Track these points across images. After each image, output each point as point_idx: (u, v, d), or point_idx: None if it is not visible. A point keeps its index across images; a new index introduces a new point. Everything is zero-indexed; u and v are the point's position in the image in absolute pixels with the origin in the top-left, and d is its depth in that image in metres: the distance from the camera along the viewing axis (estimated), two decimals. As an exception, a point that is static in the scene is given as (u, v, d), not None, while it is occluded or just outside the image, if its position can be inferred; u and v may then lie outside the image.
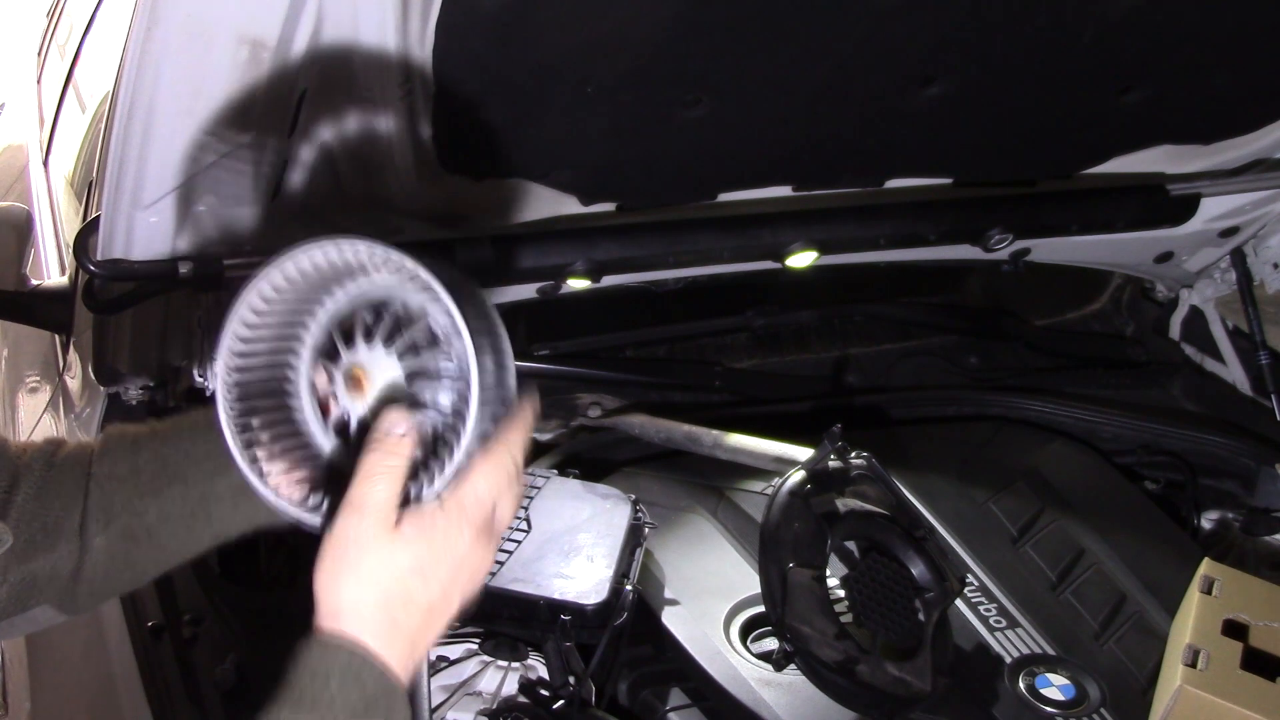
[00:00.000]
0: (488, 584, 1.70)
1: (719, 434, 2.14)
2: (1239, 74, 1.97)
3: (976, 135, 2.05)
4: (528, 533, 1.81)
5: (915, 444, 2.30)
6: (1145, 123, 2.11)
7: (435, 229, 1.88)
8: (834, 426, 1.83)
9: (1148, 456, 2.47)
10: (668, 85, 1.71)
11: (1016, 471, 2.24)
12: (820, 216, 2.10)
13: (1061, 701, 1.73)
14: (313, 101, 1.56)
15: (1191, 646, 1.61)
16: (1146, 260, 2.61)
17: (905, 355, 2.89)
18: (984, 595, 1.91)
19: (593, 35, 1.57)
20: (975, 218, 2.20)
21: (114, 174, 1.55)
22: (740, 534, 2.00)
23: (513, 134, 1.72)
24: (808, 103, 1.81)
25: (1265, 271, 2.60)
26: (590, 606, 1.68)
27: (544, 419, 2.52)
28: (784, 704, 1.67)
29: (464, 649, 1.80)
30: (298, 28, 1.42)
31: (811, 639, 1.62)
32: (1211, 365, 2.77)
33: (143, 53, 1.39)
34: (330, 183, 1.74)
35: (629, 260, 2.03)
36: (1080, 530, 2.09)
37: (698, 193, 2.06)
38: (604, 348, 2.73)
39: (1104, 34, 1.78)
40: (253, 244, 1.77)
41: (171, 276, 1.72)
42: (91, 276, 1.73)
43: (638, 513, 1.89)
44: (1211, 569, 1.77)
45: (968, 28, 1.72)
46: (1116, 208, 2.27)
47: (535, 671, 1.75)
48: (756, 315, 2.81)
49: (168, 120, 1.47)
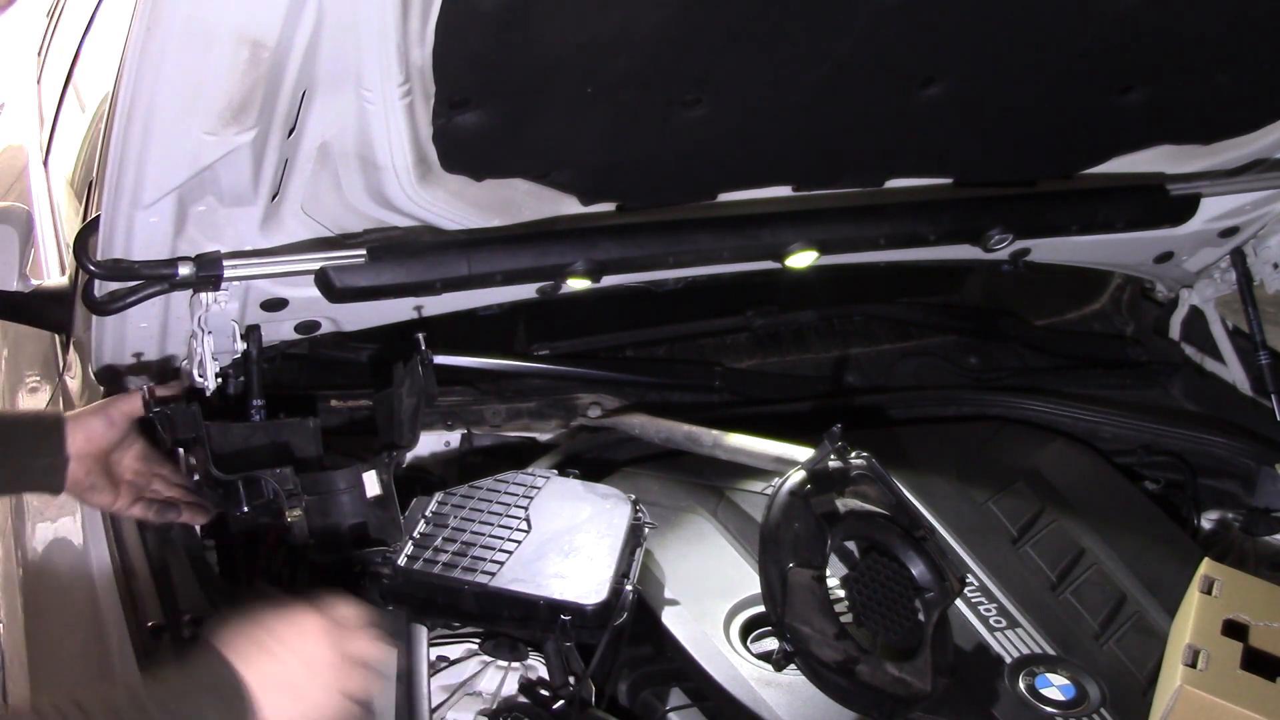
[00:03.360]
0: (488, 584, 1.70)
1: (719, 434, 2.14)
2: (1239, 74, 1.97)
3: (976, 135, 2.05)
4: (528, 533, 1.81)
5: (915, 444, 2.30)
6: (1145, 123, 2.11)
7: (436, 229, 1.88)
8: (834, 426, 1.83)
9: (1148, 456, 2.47)
10: (668, 85, 1.71)
11: (1016, 471, 2.24)
12: (820, 216, 2.10)
13: (1061, 701, 1.73)
14: (313, 101, 1.56)
15: (1191, 646, 1.61)
16: (1146, 260, 2.61)
17: (905, 355, 2.89)
18: (984, 595, 1.91)
19: (593, 35, 1.57)
20: (975, 218, 2.20)
21: (114, 174, 1.55)
22: (740, 534, 2.00)
23: (513, 134, 1.72)
24: (808, 103, 1.81)
25: (1265, 271, 2.60)
26: (590, 606, 1.68)
27: (544, 419, 2.52)
28: (784, 704, 1.67)
29: (464, 649, 1.80)
30: (298, 28, 1.42)
31: (811, 639, 1.62)
32: (1211, 365, 2.77)
33: (143, 53, 1.39)
34: (330, 183, 1.74)
35: (629, 260, 2.02)
36: (1080, 530, 2.09)
37: (698, 193, 2.06)
38: (604, 348, 2.73)
39: (1104, 34, 1.79)
40: (253, 244, 1.78)
41: (171, 276, 1.72)
42: (91, 276, 1.73)
43: (638, 513, 1.89)
44: (1211, 569, 1.77)
45: (968, 28, 1.72)
46: (1116, 208, 2.27)
47: (535, 671, 1.75)
48: (756, 315, 2.81)
49: (168, 120, 1.47)
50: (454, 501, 1.88)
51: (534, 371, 2.58)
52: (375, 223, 1.84)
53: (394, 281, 1.84)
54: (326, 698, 1.29)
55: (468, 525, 1.82)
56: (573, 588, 1.70)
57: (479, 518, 1.84)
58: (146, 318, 1.83)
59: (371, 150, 1.66)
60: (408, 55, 1.51)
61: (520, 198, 1.92)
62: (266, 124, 1.53)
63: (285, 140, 1.60)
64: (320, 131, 1.63)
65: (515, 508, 1.87)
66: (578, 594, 1.69)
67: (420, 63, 1.53)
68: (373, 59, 1.50)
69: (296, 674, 1.28)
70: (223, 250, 1.75)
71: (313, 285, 1.83)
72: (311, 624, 1.32)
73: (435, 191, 1.79)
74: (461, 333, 2.34)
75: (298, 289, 1.87)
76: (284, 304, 1.92)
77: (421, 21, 1.48)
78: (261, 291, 1.87)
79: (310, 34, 1.43)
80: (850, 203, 2.14)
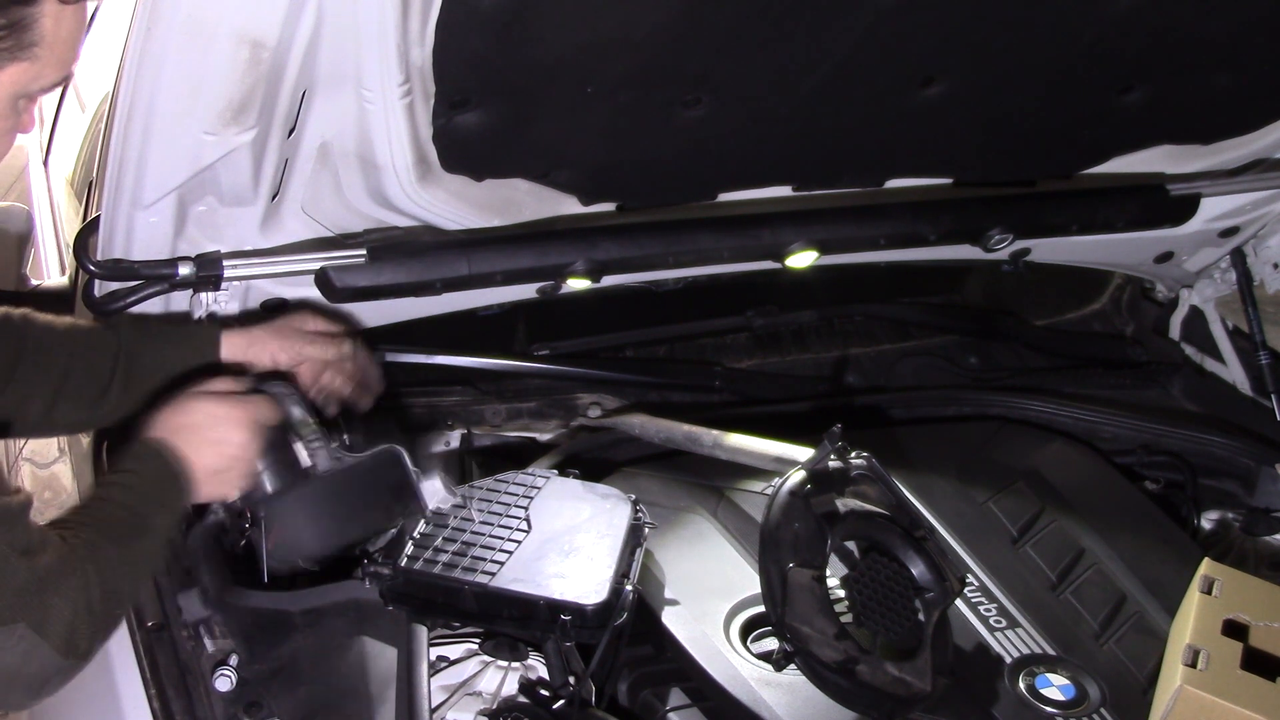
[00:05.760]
0: (488, 584, 1.70)
1: (719, 434, 2.14)
2: (1239, 74, 1.97)
3: (976, 135, 2.05)
4: (528, 533, 1.81)
5: (915, 444, 2.30)
6: (1145, 123, 2.11)
7: (436, 229, 1.88)
8: (834, 426, 1.83)
9: (1148, 456, 2.47)
10: (668, 85, 1.71)
11: (1016, 471, 2.24)
12: (820, 216, 2.10)
13: (1061, 701, 1.73)
14: (313, 101, 1.56)
15: (1191, 646, 1.61)
16: (1146, 260, 2.61)
17: (905, 355, 2.89)
18: (984, 595, 1.91)
19: (592, 35, 1.57)
20: (975, 218, 2.20)
21: (114, 174, 1.55)
22: (740, 534, 2.00)
23: (513, 134, 1.72)
24: (808, 103, 1.81)
25: (1265, 271, 2.60)
26: (590, 606, 1.68)
27: (544, 419, 2.52)
28: (784, 704, 1.67)
29: (464, 649, 1.80)
30: (298, 28, 1.42)
31: (811, 639, 1.62)
32: (1211, 365, 2.77)
33: (143, 53, 1.39)
34: (330, 183, 1.74)
35: (629, 260, 2.02)
36: (1080, 530, 2.09)
37: (698, 193, 2.06)
38: (604, 348, 2.73)
39: (1104, 34, 1.79)
40: (253, 244, 1.78)
41: (171, 276, 1.72)
42: (91, 276, 1.73)
43: (638, 513, 1.89)
44: (1211, 569, 1.77)
45: (968, 27, 1.72)
46: (1116, 208, 2.27)
47: (535, 671, 1.75)
48: (756, 315, 2.81)
49: (168, 120, 1.47)
50: (454, 501, 1.88)
51: (534, 371, 2.58)
52: (375, 223, 1.85)
53: (394, 281, 1.84)
54: (237, 432, 1.52)
55: (468, 525, 1.82)
56: (573, 588, 1.70)
57: (479, 518, 1.84)
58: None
59: (371, 150, 1.66)
60: (408, 55, 1.51)
61: (520, 198, 1.92)
62: (266, 124, 1.53)
63: (285, 140, 1.60)
64: (320, 131, 1.63)
65: (515, 508, 1.87)
66: (578, 594, 1.69)
67: (420, 63, 1.53)
68: (373, 59, 1.50)
69: (203, 424, 1.51)
70: (223, 250, 1.75)
71: (313, 285, 1.83)
72: (196, 399, 1.53)
73: (435, 191, 1.79)
74: (461, 333, 2.34)
75: (298, 289, 1.88)
76: (284, 304, 1.92)
77: (421, 21, 1.48)
78: (261, 291, 1.87)
79: (310, 34, 1.43)
80: (850, 203, 2.14)
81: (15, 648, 1.22)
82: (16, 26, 1.21)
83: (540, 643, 1.75)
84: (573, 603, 1.68)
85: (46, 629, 1.24)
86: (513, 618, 1.71)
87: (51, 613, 1.24)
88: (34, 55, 1.23)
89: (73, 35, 1.27)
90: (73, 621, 1.26)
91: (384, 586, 1.72)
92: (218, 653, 1.63)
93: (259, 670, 1.62)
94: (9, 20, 1.20)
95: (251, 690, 1.59)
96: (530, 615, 1.70)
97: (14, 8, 1.20)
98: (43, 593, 1.23)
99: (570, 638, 1.69)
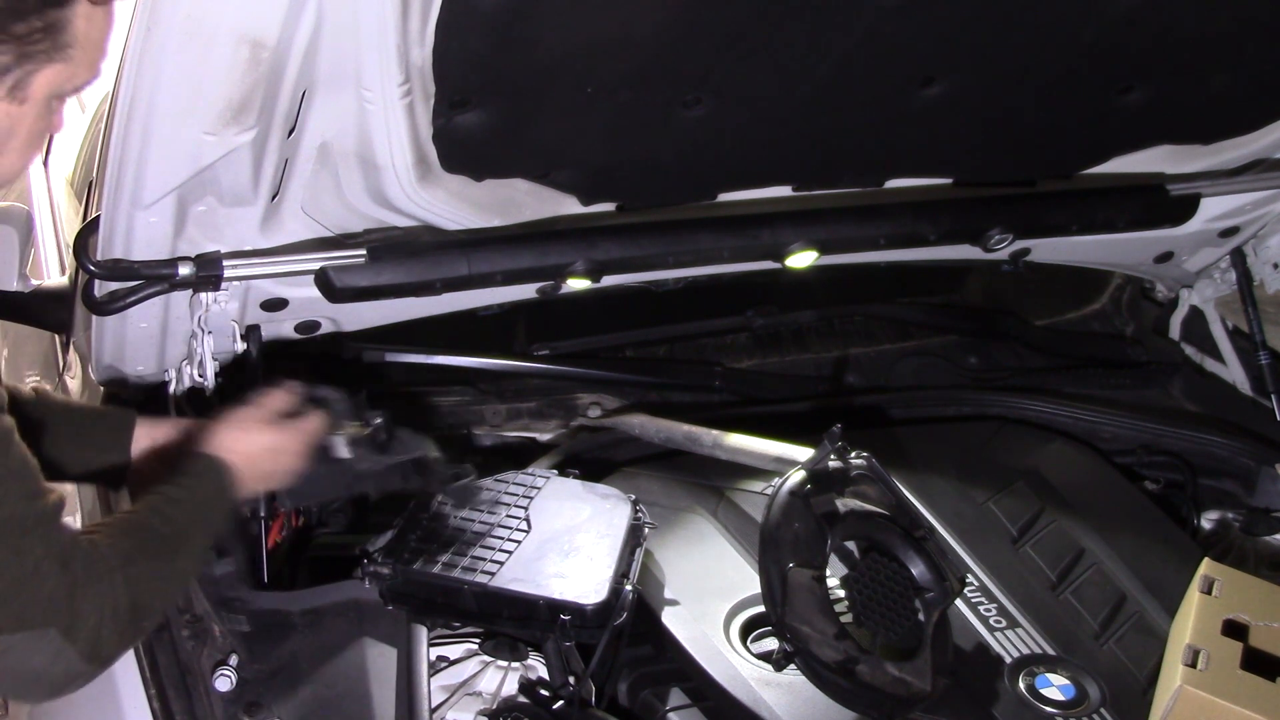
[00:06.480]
0: (488, 584, 1.70)
1: (719, 434, 2.14)
2: (1239, 74, 1.97)
3: (976, 135, 2.05)
4: (528, 533, 1.81)
5: (915, 444, 2.30)
6: (1145, 123, 2.11)
7: (436, 229, 1.88)
8: (834, 426, 1.83)
9: (1148, 456, 2.47)
10: (668, 85, 1.71)
11: (1016, 471, 2.24)
12: (820, 216, 2.10)
13: (1061, 701, 1.73)
14: (313, 101, 1.56)
15: (1191, 646, 1.61)
16: (1146, 260, 2.61)
17: (905, 355, 2.89)
18: (984, 595, 1.91)
19: (593, 35, 1.57)
20: (975, 218, 2.20)
21: (114, 174, 1.55)
22: (740, 534, 2.00)
23: (513, 134, 1.72)
24: (808, 103, 1.81)
25: (1265, 271, 2.60)
26: (590, 606, 1.68)
27: (544, 419, 2.52)
28: (784, 704, 1.67)
29: (464, 649, 1.80)
30: (298, 28, 1.42)
31: (811, 639, 1.62)
32: (1211, 365, 2.77)
33: (143, 53, 1.39)
34: (330, 183, 1.74)
35: (629, 260, 2.02)
36: (1080, 530, 2.09)
37: (698, 193, 2.06)
38: (604, 348, 2.73)
39: (1104, 34, 1.79)
40: (253, 244, 1.78)
41: (171, 277, 1.72)
42: (91, 276, 1.73)
43: (638, 513, 1.89)
44: (1211, 569, 1.77)
45: (968, 27, 1.72)
46: (1116, 208, 2.27)
47: (535, 671, 1.75)
48: (756, 315, 2.81)
49: (168, 120, 1.47)
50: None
51: (534, 371, 2.58)
52: (375, 223, 1.84)
53: (394, 281, 1.84)
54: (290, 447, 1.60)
55: (468, 525, 1.82)
56: (573, 588, 1.70)
57: (479, 517, 1.84)
58: (146, 318, 1.83)
59: (371, 150, 1.66)
60: (408, 55, 1.51)
61: (520, 198, 1.92)
62: (266, 124, 1.53)
63: (285, 140, 1.60)
64: (320, 131, 1.63)
65: (515, 508, 1.87)
66: (578, 594, 1.69)
67: (420, 63, 1.53)
68: (373, 59, 1.50)
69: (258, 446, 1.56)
70: (223, 250, 1.75)
71: (313, 285, 1.83)
72: (249, 419, 1.59)
73: (435, 191, 1.79)
74: (461, 333, 2.34)
75: (298, 289, 1.88)
76: (284, 304, 1.92)
77: (421, 21, 1.48)
78: (261, 291, 1.87)
79: (310, 34, 1.43)
80: (850, 203, 2.14)
81: (44, 650, 1.24)
82: (52, 29, 1.22)
83: (540, 643, 1.76)
84: (573, 603, 1.68)
85: (74, 635, 1.25)
86: (513, 617, 1.71)
87: (80, 619, 1.25)
88: (68, 56, 1.24)
89: (104, 35, 1.28)
90: (99, 629, 1.27)
91: (384, 586, 1.72)
92: (218, 653, 1.63)
93: (259, 670, 1.63)
94: (45, 23, 1.21)
95: (251, 690, 1.60)
96: (530, 615, 1.70)
97: (49, 10, 1.21)
98: (73, 599, 1.25)
99: (570, 638, 1.69)
